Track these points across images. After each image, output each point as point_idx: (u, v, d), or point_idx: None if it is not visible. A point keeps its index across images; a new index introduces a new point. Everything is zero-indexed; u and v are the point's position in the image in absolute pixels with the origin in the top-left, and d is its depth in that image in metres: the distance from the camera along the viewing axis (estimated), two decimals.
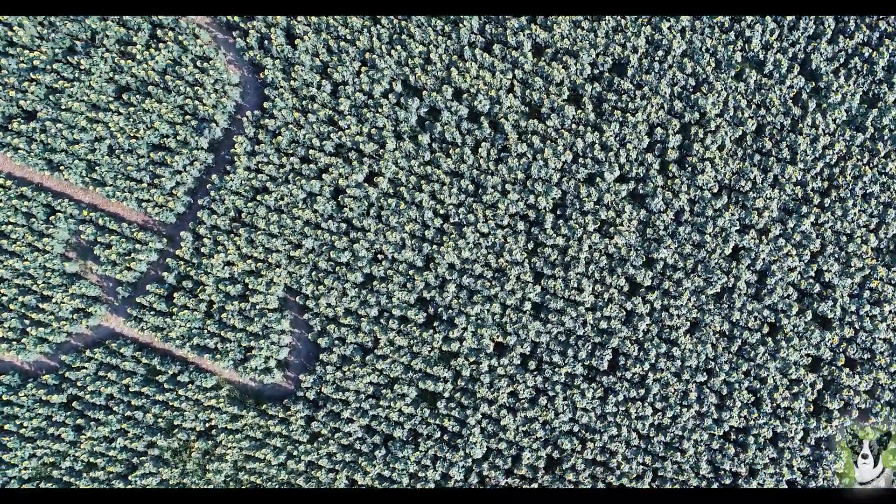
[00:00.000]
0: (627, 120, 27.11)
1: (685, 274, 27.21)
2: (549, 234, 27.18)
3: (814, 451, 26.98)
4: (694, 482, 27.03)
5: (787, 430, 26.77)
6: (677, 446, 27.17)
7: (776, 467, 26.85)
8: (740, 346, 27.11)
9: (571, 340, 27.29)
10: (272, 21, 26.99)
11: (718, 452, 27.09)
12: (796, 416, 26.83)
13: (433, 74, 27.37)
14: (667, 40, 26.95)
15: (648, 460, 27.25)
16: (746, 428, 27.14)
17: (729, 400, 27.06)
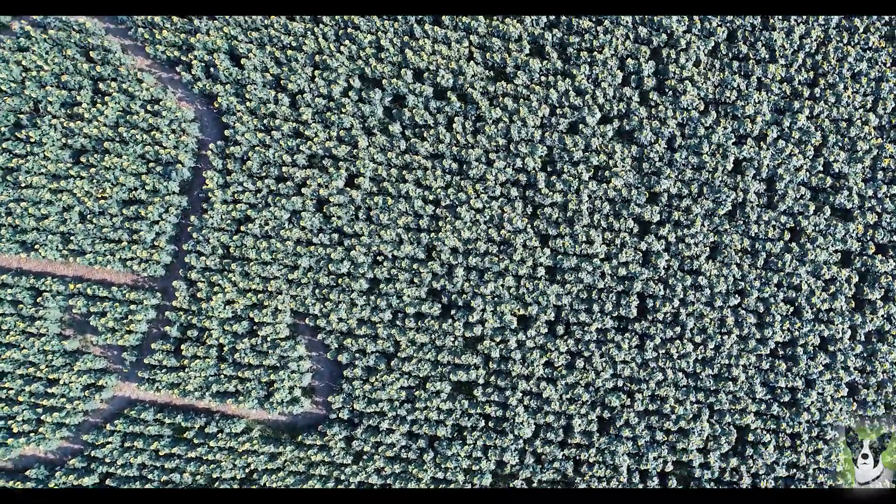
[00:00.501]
0: (595, 59, 26.63)
1: (692, 200, 26.71)
2: (546, 194, 26.71)
3: (866, 347, 26.47)
4: (753, 408, 26.50)
5: (834, 332, 26.26)
6: (727, 376, 26.68)
7: (832, 371, 26.31)
8: (766, 259, 26.58)
9: (594, 295, 26.78)
10: (213, 46, 26.47)
11: (770, 372, 26.60)
12: (839, 315, 26.37)
13: (388, 61, 26.88)
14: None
15: (701, 397, 26.73)
16: (792, 340, 26.66)
17: (767, 316, 26.56)
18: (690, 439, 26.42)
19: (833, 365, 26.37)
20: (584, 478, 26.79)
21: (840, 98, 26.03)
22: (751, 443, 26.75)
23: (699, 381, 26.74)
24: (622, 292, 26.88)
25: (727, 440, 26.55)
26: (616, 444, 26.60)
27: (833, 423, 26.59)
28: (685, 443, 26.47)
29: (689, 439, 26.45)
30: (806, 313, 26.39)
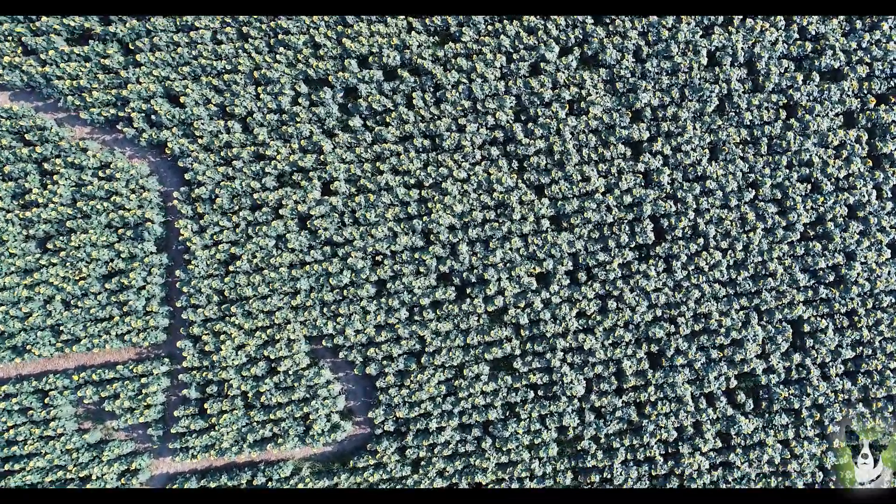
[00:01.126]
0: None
1: (677, 106, 26.09)
2: (527, 143, 26.04)
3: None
4: (800, 297, 25.80)
5: (859, 196, 25.61)
6: (764, 273, 25.98)
7: (868, 237, 25.65)
8: (768, 143, 25.93)
9: (606, 232, 26.12)
10: (148, 93, 25.86)
11: (807, 256, 25.90)
12: (859, 178, 25.73)
13: (328, 57, 26.25)
14: None
15: (745, 302, 26.07)
16: (819, 217, 25.99)
17: (787, 201, 25.88)
18: (746, 348, 25.75)
19: (868, 230, 25.71)
20: (650, 418, 26.03)
21: None
22: (808, 333, 26.01)
23: (738, 287, 26.05)
24: (634, 220, 26.19)
25: (783, 338, 25.85)
26: (673, 376, 25.91)
27: (885, 289, 25.75)
28: (742, 353, 25.80)
29: (745, 348, 25.79)
30: (825, 186, 25.74)
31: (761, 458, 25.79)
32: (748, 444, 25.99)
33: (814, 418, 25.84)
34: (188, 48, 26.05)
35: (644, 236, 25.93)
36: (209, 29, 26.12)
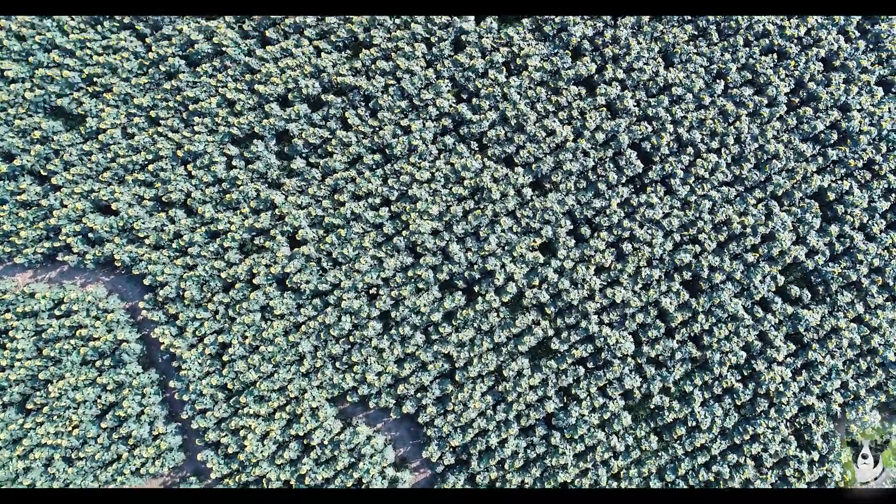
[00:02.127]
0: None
1: (612, 27, 25.66)
2: (478, 120, 25.36)
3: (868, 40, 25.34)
4: (812, 168, 25.00)
5: (829, 46, 25.05)
6: (767, 157, 25.25)
7: (854, 82, 25.04)
8: (717, 31, 25.44)
9: (591, 177, 25.33)
10: (77, 213, 25.01)
11: (802, 124, 25.19)
12: (820, 28, 25.23)
13: (246, 109, 25.64)
14: None
15: (759, 194, 25.27)
16: (798, 81, 25.40)
17: (760, 77, 25.28)
18: (780, 239, 24.83)
19: (851, 76, 25.15)
20: (712, 348, 24.82)
21: None
22: (835, 201, 25.22)
23: (746, 182, 25.23)
24: (615, 155, 25.51)
25: (812, 214, 24.97)
26: (717, 296, 24.82)
27: (893, 126, 25.06)
28: (777, 245, 24.82)
29: (778, 240, 24.83)
30: (790, 49, 25.21)
31: (841, 345, 24.52)
32: (821, 335, 24.73)
33: (877, 283, 24.69)
34: (101, 153, 25.33)
35: (631, 167, 25.20)
36: (117, 126, 25.44)
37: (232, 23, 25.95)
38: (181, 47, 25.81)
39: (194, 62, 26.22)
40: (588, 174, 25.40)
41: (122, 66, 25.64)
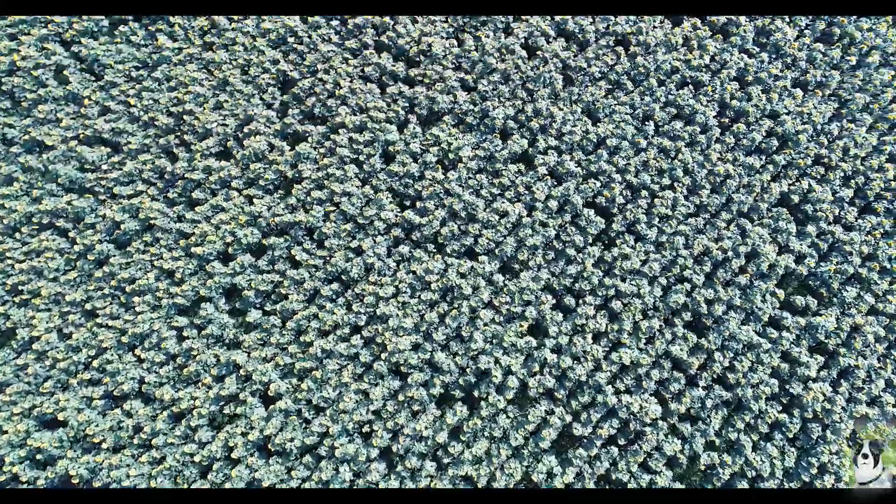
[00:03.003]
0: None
1: (528, 101, 29.42)
2: (429, 221, 27.73)
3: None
4: (766, 177, 28.10)
5: (773, 98, 29.68)
6: (721, 179, 28.49)
7: (812, 126, 29.04)
8: (629, 77, 29.58)
9: (557, 245, 28.11)
10: (19, 437, 25.15)
11: (742, 139, 28.79)
12: (759, 70, 29.66)
13: (185, 275, 27.44)
14: None
15: (727, 215, 28.33)
16: (723, 104, 29.19)
17: (685, 108, 29.13)
18: (762, 252, 27.88)
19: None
20: (741, 381, 26.02)
21: None
22: (799, 204, 28.19)
23: (710, 207, 28.88)
24: (574, 218, 28.86)
25: (783, 220, 28.66)
26: (725, 327, 27.11)
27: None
28: (761, 259, 27.27)
29: (760, 253, 27.37)
30: (690, 66, 29.21)
31: (867, 342, 26.44)
32: (844, 338, 26.39)
33: (875, 270, 27.40)
34: (39, 363, 26.59)
35: (593, 225, 28.09)
36: (51, 329, 27.10)
37: (155, 194, 28.22)
38: (107, 232, 27.81)
39: (123, 243, 28.08)
40: (553, 244, 27.95)
41: (47, 267, 27.24)
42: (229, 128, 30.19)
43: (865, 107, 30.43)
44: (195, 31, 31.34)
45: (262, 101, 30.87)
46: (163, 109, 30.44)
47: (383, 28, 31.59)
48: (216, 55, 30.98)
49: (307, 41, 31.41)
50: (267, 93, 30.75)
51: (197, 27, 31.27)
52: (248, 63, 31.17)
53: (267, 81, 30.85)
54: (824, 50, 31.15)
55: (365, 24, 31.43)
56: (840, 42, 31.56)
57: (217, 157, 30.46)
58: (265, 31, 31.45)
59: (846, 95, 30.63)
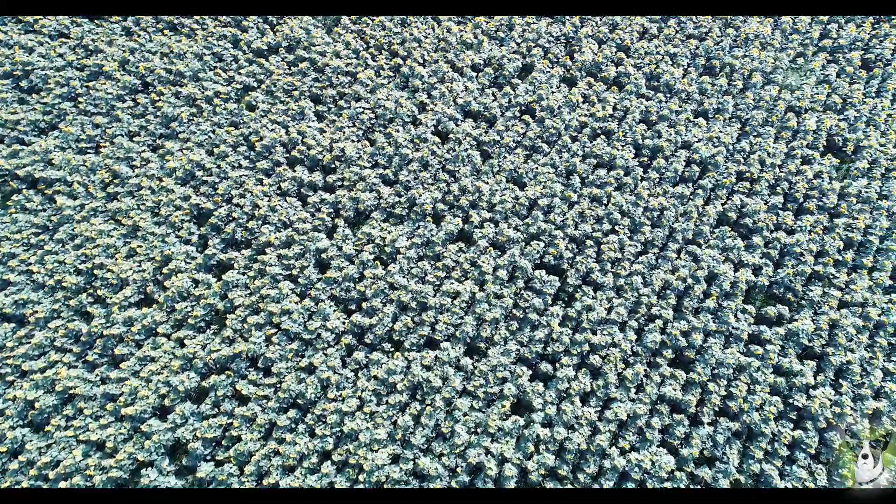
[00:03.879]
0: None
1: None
2: (380, 319, 26.99)
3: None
4: (713, 212, 29.43)
5: (680, 130, 31.81)
6: (664, 217, 29.30)
7: (725, 147, 31.33)
8: (565, 132, 31.24)
9: (517, 313, 27.61)
10: None
11: (683, 182, 30.32)
12: (660, 109, 32.05)
13: (117, 443, 24.94)
14: None
15: (675, 247, 28.77)
16: (658, 151, 31.10)
17: (617, 161, 30.65)
18: (719, 273, 27.91)
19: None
20: (744, 407, 25.48)
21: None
22: (739, 220, 29.31)
23: (656, 241, 29.25)
24: (527, 282, 28.36)
25: (729, 238, 29.02)
26: (709, 356, 26.50)
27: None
28: (721, 279, 27.66)
29: (718, 273, 27.75)
30: (595, 118, 31.27)
31: (849, 335, 26.97)
32: (828, 336, 26.74)
33: (828, 264, 28.29)
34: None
35: (548, 285, 27.86)
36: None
37: (72, 361, 26.44)
38: (19, 415, 25.42)
39: (40, 424, 25.63)
40: (513, 313, 27.35)
41: None
42: (147, 272, 28.95)
43: (765, 121, 33.56)
44: (96, 185, 31.21)
45: (179, 239, 30.32)
46: (70, 269, 29.34)
47: (292, 143, 32.62)
48: (122, 203, 30.49)
49: (216, 171, 32.05)
50: (183, 229, 30.17)
51: (97, 179, 31.11)
52: (158, 204, 31.06)
53: (181, 218, 30.59)
54: (711, 81, 34.56)
55: (273, 143, 32.34)
56: (722, 71, 35.26)
57: (137, 305, 28.89)
58: (171, 171, 31.80)
59: (745, 115, 33.60)
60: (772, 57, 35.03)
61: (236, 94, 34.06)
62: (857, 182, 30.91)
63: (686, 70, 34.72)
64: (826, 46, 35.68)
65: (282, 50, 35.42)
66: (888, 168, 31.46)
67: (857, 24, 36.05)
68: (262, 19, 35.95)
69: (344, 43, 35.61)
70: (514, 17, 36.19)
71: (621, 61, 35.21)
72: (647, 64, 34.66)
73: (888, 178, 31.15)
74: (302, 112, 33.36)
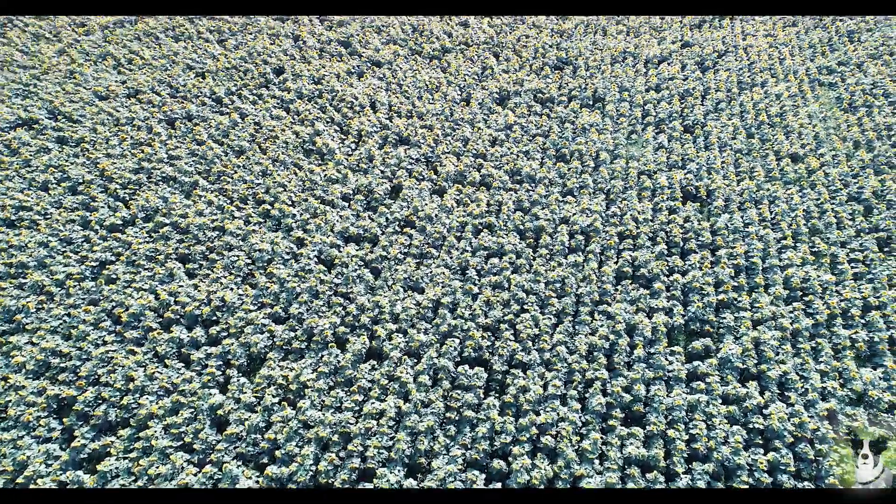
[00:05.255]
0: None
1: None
2: (235, 402, 22.97)
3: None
4: (620, 300, 29.75)
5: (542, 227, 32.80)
6: (577, 327, 29.11)
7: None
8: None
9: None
10: None
11: (573, 267, 30.56)
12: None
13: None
14: None
15: (604, 332, 28.18)
16: (529, 263, 31.59)
17: (513, 290, 30.61)
18: (641, 324, 27.28)
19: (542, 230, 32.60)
20: (737, 461, 23.53)
21: None
22: (648, 278, 29.78)
23: (577, 340, 28.02)
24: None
25: (642, 295, 28.72)
26: (674, 420, 24.65)
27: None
28: (651, 335, 27.08)
29: (637, 327, 27.20)
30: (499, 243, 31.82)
31: (775, 348, 26.85)
32: (757, 355, 26.60)
33: (742, 285, 28.61)
34: None
35: (475, 377, 25.97)
36: None
37: None
38: None
39: None
40: (449, 416, 25.14)
41: None
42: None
43: (625, 188, 35.54)
44: None
45: (36, 439, 24.88)
46: None
47: (164, 306, 29.18)
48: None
49: (76, 354, 27.43)
50: (40, 426, 25.08)
51: None
52: (5, 406, 25.72)
53: (37, 414, 25.34)
54: (567, 166, 37.19)
55: (141, 310, 28.81)
56: (573, 157, 38.30)
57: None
58: (19, 366, 26.91)
59: (605, 186, 35.16)
60: (610, 138, 38.84)
61: (92, 273, 30.87)
62: (722, 217, 33.39)
63: (542, 161, 37.20)
64: (651, 122, 40.48)
65: (139, 221, 33.44)
66: (740, 201, 34.61)
67: (670, 102, 41.65)
68: (112, 197, 34.07)
69: (206, 202, 34.45)
70: (371, 149, 37.60)
71: (481, 166, 37.19)
72: (506, 164, 36.84)
73: (743, 208, 34.12)
74: (171, 273, 30.73)
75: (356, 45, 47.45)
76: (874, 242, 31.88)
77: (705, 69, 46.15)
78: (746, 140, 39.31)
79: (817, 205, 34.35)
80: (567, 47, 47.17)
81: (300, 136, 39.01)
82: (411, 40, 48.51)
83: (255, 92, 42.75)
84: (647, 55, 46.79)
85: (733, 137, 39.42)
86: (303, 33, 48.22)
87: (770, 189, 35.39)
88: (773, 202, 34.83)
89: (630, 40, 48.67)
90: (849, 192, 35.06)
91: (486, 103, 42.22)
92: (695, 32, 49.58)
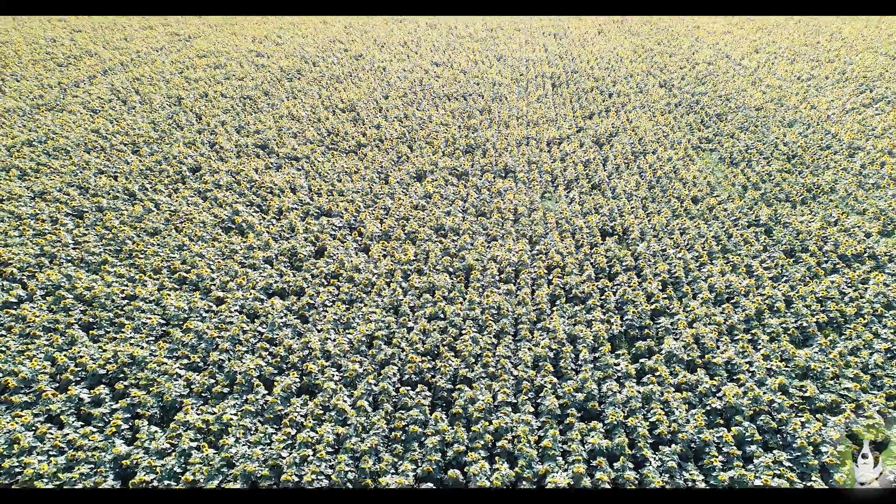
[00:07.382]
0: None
1: None
2: (144, 452, 19.73)
3: None
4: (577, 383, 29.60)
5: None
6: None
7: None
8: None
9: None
10: None
11: (537, 363, 30.40)
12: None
13: None
14: None
15: (565, 426, 27.60)
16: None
17: (463, 415, 30.06)
18: (615, 399, 26.79)
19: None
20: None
21: None
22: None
23: (545, 419, 27.33)
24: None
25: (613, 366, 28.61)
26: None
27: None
28: (617, 407, 26.60)
29: (614, 401, 26.75)
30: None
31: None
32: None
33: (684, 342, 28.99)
34: None
35: (421, 395, 23.94)
36: None
37: None
38: None
39: None
40: (394, 434, 22.62)
41: None
42: None
43: (545, 232, 37.49)
44: None
45: None
46: None
47: (60, 370, 25.36)
48: None
49: None
50: None
51: None
52: None
53: None
54: (488, 220, 38.09)
55: (34, 374, 25.02)
56: (493, 214, 39.49)
57: None
58: None
59: (528, 232, 36.95)
60: (525, 197, 40.71)
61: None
62: (640, 245, 34.71)
63: (464, 218, 38.05)
64: (560, 183, 43.13)
65: (37, 297, 30.41)
66: (654, 233, 36.39)
67: (575, 168, 44.79)
68: (7, 280, 31.12)
69: (116, 275, 32.07)
70: (293, 220, 37.15)
71: (405, 225, 37.56)
72: (429, 222, 37.49)
73: (658, 238, 35.82)
74: (72, 340, 27.51)
75: (273, 146, 48.91)
76: (781, 253, 34.04)
77: (601, 144, 50.70)
78: (649, 191, 42.46)
79: (724, 231, 36.73)
80: (475, 136, 50.77)
81: (218, 217, 38.19)
82: (327, 140, 50.70)
83: (170, 186, 42.22)
84: (547, 139, 51.07)
85: (636, 189, 42.50)
86: (220, 140, 49.31)
87: (678, 222, 37.67)
88: (684, 232, 36.90)
89: (530, 129, 53.22)
90: (748, 220, 37.99)
91: (405, 181, 43.65)
92: (587, 121, 55.06)
